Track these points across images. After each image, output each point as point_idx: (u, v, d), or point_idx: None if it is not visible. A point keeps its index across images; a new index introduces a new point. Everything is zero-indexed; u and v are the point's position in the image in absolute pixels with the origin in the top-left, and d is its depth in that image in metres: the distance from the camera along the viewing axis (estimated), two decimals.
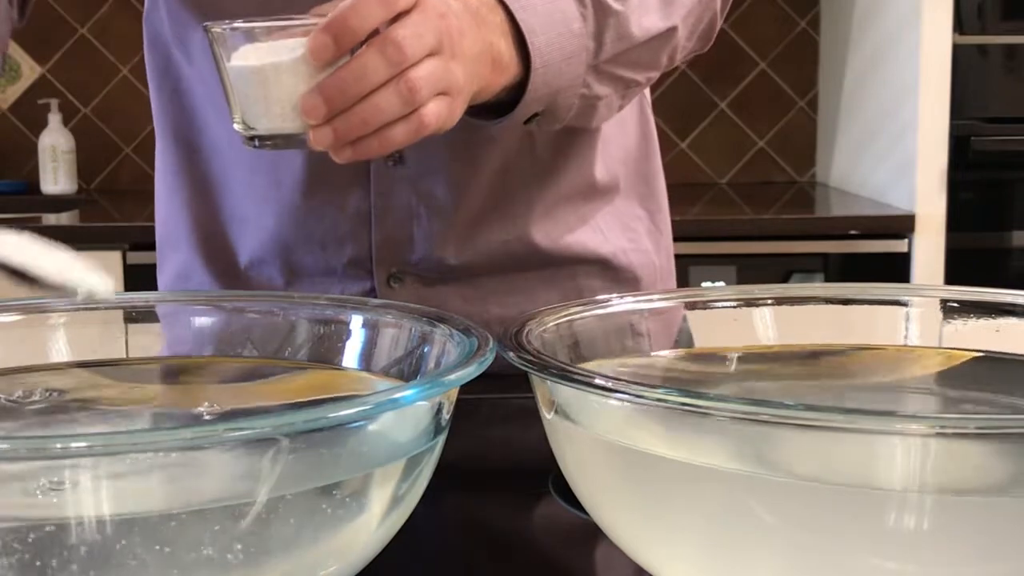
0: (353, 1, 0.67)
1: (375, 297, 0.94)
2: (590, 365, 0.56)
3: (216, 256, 0.98)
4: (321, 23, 0.67)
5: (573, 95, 0.82)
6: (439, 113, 0.70)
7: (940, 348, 0.60)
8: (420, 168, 0.94)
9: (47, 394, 0.57)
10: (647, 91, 1.07)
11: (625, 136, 1.04)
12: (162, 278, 1.04)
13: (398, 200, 0.95)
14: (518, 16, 0.76)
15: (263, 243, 0.96)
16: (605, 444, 0.46)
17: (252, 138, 0.69)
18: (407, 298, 0.95)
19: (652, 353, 0.60)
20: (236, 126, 0.70)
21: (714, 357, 0.61)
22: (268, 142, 0.69)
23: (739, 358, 0.61)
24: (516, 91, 0.79)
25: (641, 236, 1.04)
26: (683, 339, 0.61)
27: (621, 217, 1.03)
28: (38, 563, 0.39)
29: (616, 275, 1.01)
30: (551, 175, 0.98)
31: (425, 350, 0.54)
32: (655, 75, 0.90)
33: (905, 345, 0.61)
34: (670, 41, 0.88)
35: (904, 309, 0.61)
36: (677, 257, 1.11)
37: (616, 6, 0.83)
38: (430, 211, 0.95)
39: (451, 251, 0.96)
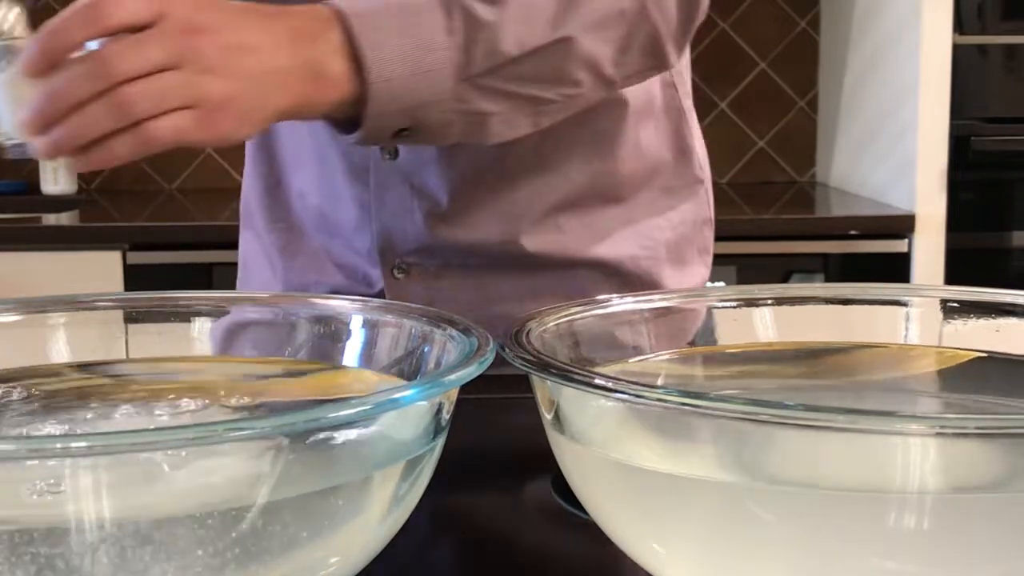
0: (62, 16, 0.70)
1: (385, 287, 0.98)
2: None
3: (279, 222, 1.04)
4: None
5: (445, 110, 0.82)
6: (178, 127, 0.71)
7: (940, 347, 0.60)
8: (414, 162, 0.95)
9: (47, 394, 0.57)
10: (685, 103, 1.07)
11: (650, 145, 1.03)
12: (243, 236, 1.11)
13: (394, 193, 0.97)
14: (356, 31, 0.77)
15: (310, 218, 1.02)
16: (604, 457, 0.46)
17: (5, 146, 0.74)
18: (412, 290, 0.97)
19: (653, 354, 0.60)
20: None
21: (713, 357, 0.61)
22: (17, 149, 0.73)
23: (739, 358, 0.61)
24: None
25: (658, 245, 1.03)
26: (705, 336, 0.61)
27: (637, 225, 1.03)
28: (36, 564, 0.38)
29: (624, 280, 1.01)
30: (555, 176, 0.98)
31: (425, 350, 0.54)
32: (575, 91, 0.88)
33: (906, 343, 0.61)
34: (569, 54, 0.85)
35: (904, 309, 0.61)
36: None
37: (487, 17, 0.82)
38: (424, 205, 0.97)
39: (448, 246, 0.97)
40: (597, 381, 0.44)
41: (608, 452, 0.46)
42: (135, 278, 2.22)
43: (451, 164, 0.96)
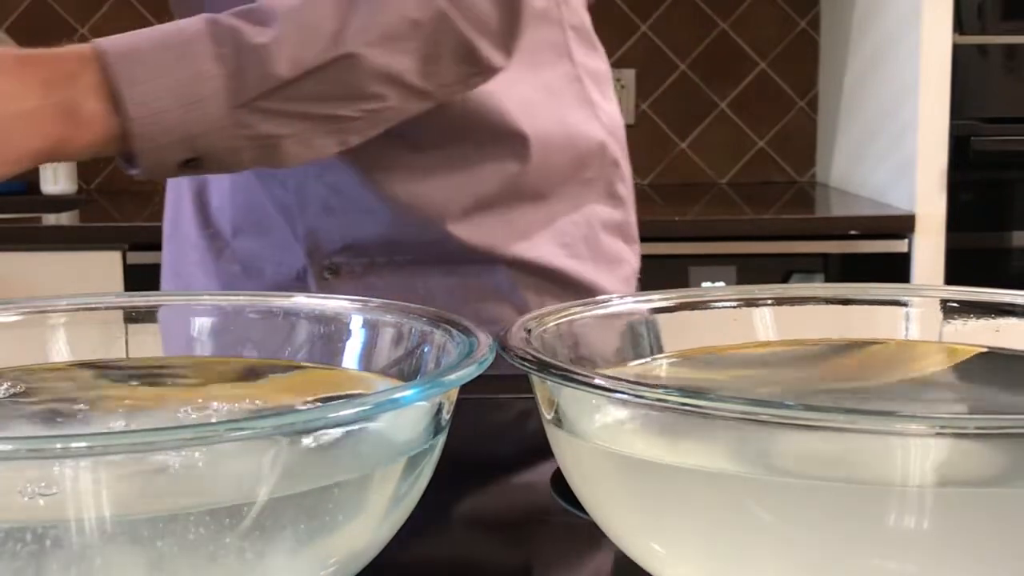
0: None
1: (314, 287, 1.00)
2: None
3: (208, 228, 1.06)
4: None
5: (227, 137, 0.82)
6: None
7: (943, 343, 0.60)
8: (323, 164, 0.96)
9: (46, 394, 0.57)
10: (603, 95, 1.06)
11: (567, 144, 1.03)
12: (167, 248, 1.11)
13: (312, 193, 0.99)
14: (114, 69, 0.78)
15: (236, 217, 1.03)
16: (604, 452, 0.46)
17: None
18: (343, 291, 0.99)
19: (653, 354, 0.60)
20: None
21: (714, 357, 0.61)
22: None
23: (739, 358, 0.61)
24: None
25: (577, 243, 1.04)
26: (647, 341, 0.60)
27: (555, 223, 1.03)
28: (33, 565, 0.38)
29: (549, 279, 1.02)
30: (468, 177, 0.98)
31: (425, 350, 0.54)
32: (379, 105, 0.87)
33: (907, 340, 0.61)
34: (356, 71, 0.84)
35: (904, 309, 0.61)
36: (677, 257, 1.12)
37: (258, 40, 0.82)
38: (343, 203, 0.98)
39: (372, 244, 0.98)
40: (597, 381, 0.44)
41: (608, 447, 0.46)
42: (135, 278, 2.22)
43: (361, 163, 0.96)
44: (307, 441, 0.42)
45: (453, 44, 0.88)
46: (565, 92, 1.03)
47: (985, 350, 0.58)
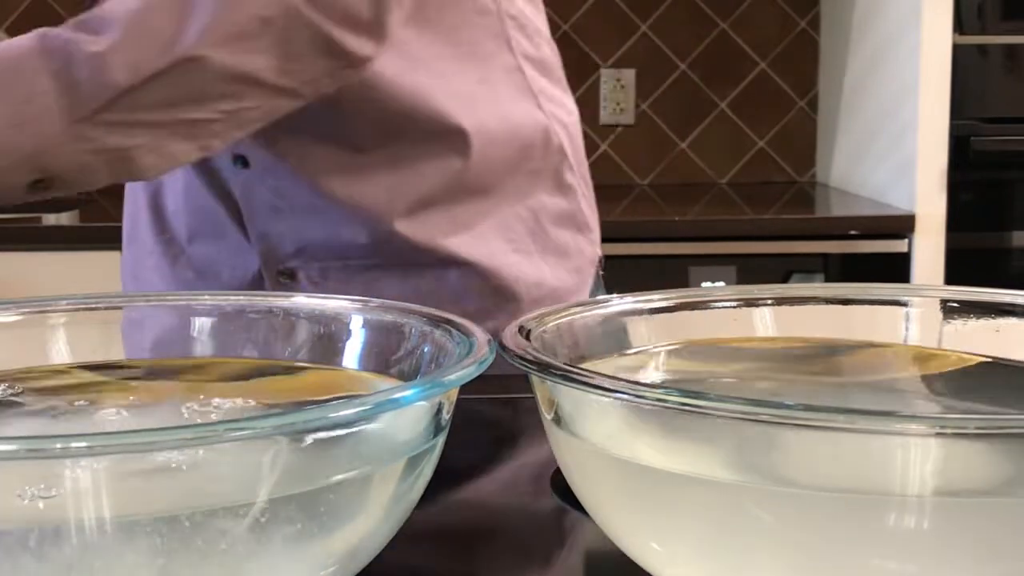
0: None
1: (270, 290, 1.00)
2: (586, 365, 0.56)
3: (164, 233, 1.07)
4: None
5: (70, 153, 0.80)
6: None
7: (941, 349, 0.60)
8: (264, 168, 0.97)
9: (46, 394, 0.57)
10: (549, 83, 1.05)
11: (509, 136, 1.01)
12: (125, 255, 1.13)
13: (258, 198, 0.99)
14: None
15: (191, 222, 1.04)
16: (604, 453, 0.46)
17: None
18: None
19: (651, 351, 0.60)
20: None
21: (713, 356, 0.61)
22: None
23: (739, 359, 0.61)
24: None
25: (522, 237, 1.03)
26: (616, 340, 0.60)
27: (501, 217, 1.02)
28: (33, 566, 0.39)
29: (496, 279, 1.01)
30: (411, 174, 0.98)
31: (425, 350, 0.54)
32: (236, 106, 0.85)
33: (908, 344, 0.61)
34: (204, 73, 0.82)
35: (904, 309, 0.61)
36: (677, 257, 1.11)
37: (92, 49, 0.80)
38: (291, 207, 0.98)
39: (324, 247, 0.99)
40: (597, 381, 0.44)
41: (609, 450, 0.46)
42: None
43: (302, 166, 0.96)
44: (307, 441, 0.42)
45: (310, 38, 0.86)
46: (505, 83, 1.02)
47: (987, 360, 0.58)
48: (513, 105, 1.02)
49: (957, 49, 2.33)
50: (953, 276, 2.32)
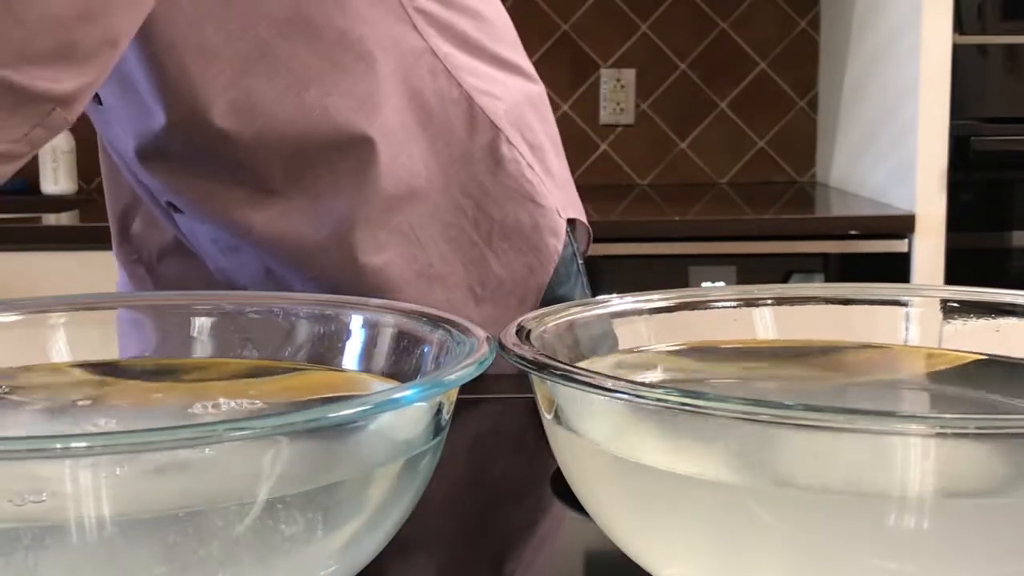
0: None
1: None
2: (586, 363, 0.56)
3: (131, 254, 1.08)
4: None
5: None
6: None
7: (941, 349, 0.60)
8: (193, 212, 0.98)
9: (45, 394, 0.57)
10: (472, 57, 1.00)
11: (421, 128, 0.97)
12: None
13: (201, 239, 1.00)
14: None
15: (160, 243, 1.06)
16: (603, 451, 0.46)
17: None
18: None
19: (651, 351, 0.60)
20: None
21: (713, 355, 0.61)
22: None
23: (739, 358, 0.61)
24: None
25: (465, 229, 0.99)
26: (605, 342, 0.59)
27: (441, 214, 0.98)
28: (33, 566, 0.39)
29: (447, 287, 0.99)
30: (331, 197, 0.95)
31: (425, 350, 0.54)
32: None
33: (907, 345, 0.61)
34: None
35: (904, 309, 0.61)
36: (677, 257, 1.10)
37: None
38: (231, 247, 0.98)
39: (267, 279, 0.99)
40: (597, 381, 0.44)
41: (609, 449, 0.46)
42: None
43: (224, 210, 0.96)
44: (307, 441, 0.42)
45: (50, 44, 0.79)
46: (412, 70, 0.96)
47: (984, 357, 0.58)
48: (422, 94, 0.97)
49: (957, 49, 2.33)
50: (953, 276, 2.32)
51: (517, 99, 1.03)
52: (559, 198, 1.04)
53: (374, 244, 0.95)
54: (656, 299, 0.60)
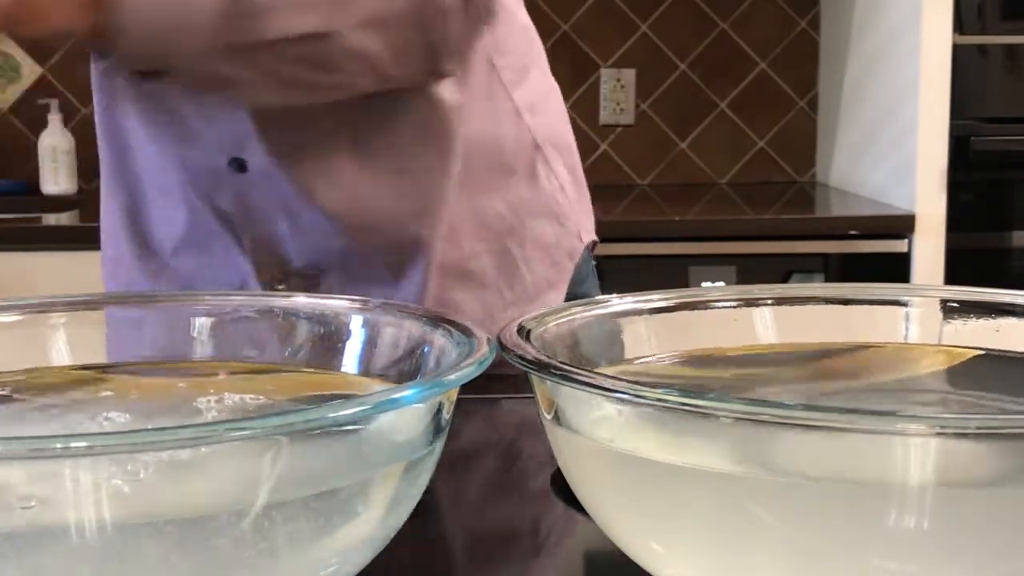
0: None
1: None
2: (586, 365, 0.56)
3: (144, 248, 1.06)
4: None
5: (196, 67, 0.87)
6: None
7: (941, 346, 0.60)
8: (262, 172, 0.97)
9: (45, 394, 0.57)
10: (518, 74, 1.06)
11: (489, 138, 1.03)
12: (104, 269, 1.11)
13: (257, 204, 0.99)
14: None
15: (174, 244, 1.04)
16: (604, 450, 0.46)
17: None
18: None
19: (652, 354, 0.60)
20: None
21: (715, 358, 0.61)
22: None
23: (740, 359, 0.61)
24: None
25: (499, 234, 1.04)
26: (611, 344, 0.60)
27: (483, 217, 1.03)
28: (33, 566, 0.39)
29: (480, 284, 1.02)
30: (410, 181, 0.99)
31: (425, 350, 0.54)
32: (335, 80, 0.91)
33: (906, 343, 0.61)
34: (334, 46, 0.88)
35: (904, 309, 0.61)
36: (677, 257, 1.11)
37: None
38: (288, 213, 0.98)
39: (315, 252, 0.99)
40: (597, 381, 0.44)
41: (609, 449, 0.46)
42: None
43: (303, 174, 0.97)
44: (307, 441, 0.42)
45: (423, 43, 0.92)
46: (482, 83, 1.03)
47: (982, 352, 0.58)
48: (488, 102, 1.03)
49: (957, 49, 2.33)
50: (953, 276, 2.32)
51: (557, 114, 1.10)
52: (584, 223, 1.11)
53: (428, 232, 0.99)
54: (656, 299, 0.60)
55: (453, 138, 0.99)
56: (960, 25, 2.34)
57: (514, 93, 1.05)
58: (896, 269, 2.33)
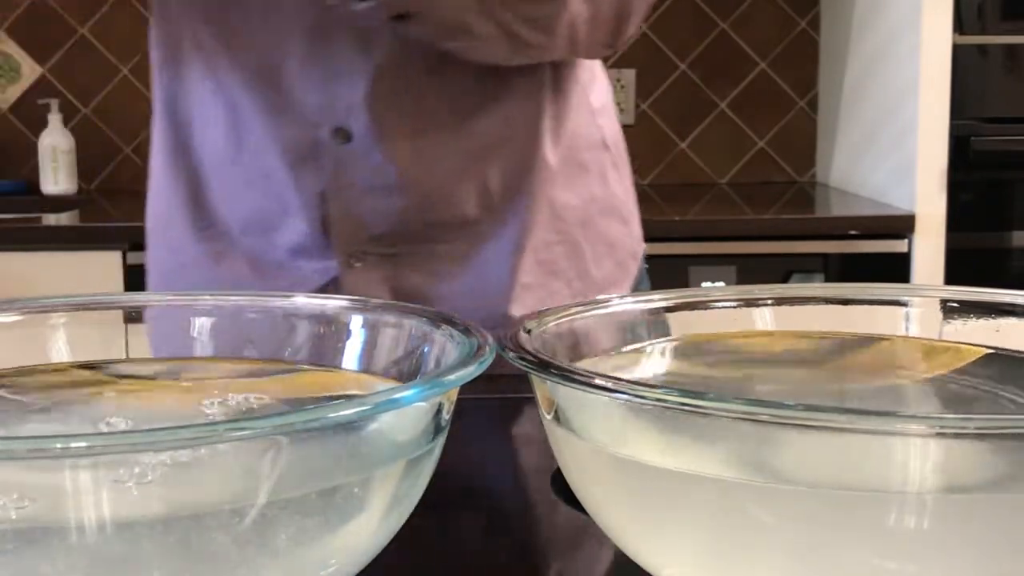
0: None
1: (338, 276, 0.99)
2: (585, 363, 0.56)
3: (207, 230, 1.04)
4: None
5: (448, 16, 0.90)
6: None
7: (947, 342, 0.60)
8: (366, 143, 0.96)
9: (45, 394, 0.57)
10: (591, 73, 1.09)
11: (576, 123, 1.06)
12: (154, 255, 1.09)
13: (352, 177, 0.98)
14: None
15: (241, 214, 1.02)
16: (604, 450, 0.46)
17: None
18: (369, 277, 0.99)
19: (650, 350, 0.60)
20: None
21: (714, 356, 0.61)
22: None
23: (739, 358, 0.61)
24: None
25: (571, 227, 1.06)
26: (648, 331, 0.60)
27: (556, 210, 1.05)
28: (32, 565, 0.39)
29: (545, 270, 1.04)
30: (499, 157, 1.00)
31: (425, 350, 0.54)
32: (546, 43, 0.94)
33: (908, 337, 0.61)
34: (559, 9, 0.91)
35: (904, 309, 0.61)
36: (677, 257, 1.13)
37: None
38: (383, 188, 0.98)
39: (410, 230, 0.99)
40: (597, 381, 0.44)
41: (609, 449, 0.46)
42: (135, 278, 2.22)
43: (408, 147, 0.98)
44: (307, 441, 0.42)
45: (612, 17, 0.96)
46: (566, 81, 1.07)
47: (990, 351, 0.58)
48: (573, 99, 1.06)
49: (957, 49, 2.33)
50: (953, 276, 2.32)
51: (615, 119, 1.13)
52: (639, 229, 1.16)
53: (509, 214, 1.02)
54: (656, 299, 0.60)
55: (561, 121, 1.02)
56: (960, 25, 2.34)
57: (590, 94, 1.07)
58: (896, 269, 2.33)
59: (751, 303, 0.61)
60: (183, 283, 1.06)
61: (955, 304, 0.60)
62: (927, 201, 2.33)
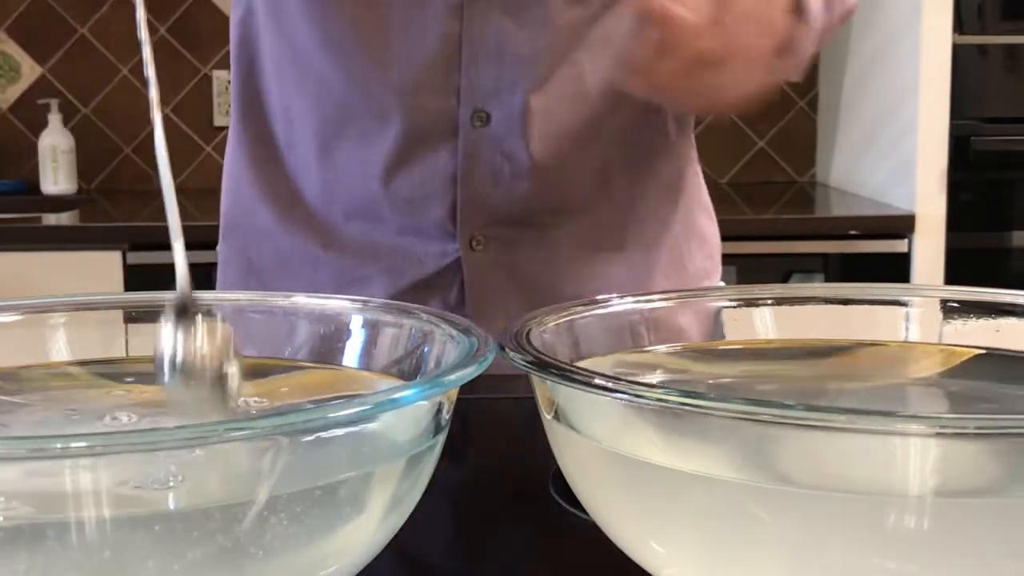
0: None
1: (460, 260, 0.99)
2: (586, 363, 0.56)
3: (302, 219, 1.03)
4: None
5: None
6: None
7: (942, 344, 0.60)
8: (505, 128, 0.97)
9: (45, 394, 0.57)
10: None
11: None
12: (228, 248, 1.11)
13: (483, 160, 0.98)
14: None
15: (345, 208, 1.01)
16: (603, 449, 0.46)
17: None
18: (489, 261, 0.99)
19: (650, 350, 0.60)
20: None
21: (714, 356, 0.61)
22: None
23: (740, 357, 0.61)
24: None
25: (674, 218, 1.09)
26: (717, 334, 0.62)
27: (662, 200, 1.08)
28: (33, 565, 0.39)
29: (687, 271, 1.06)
30: (635, 144, 1.03)
31: (425, 350, 0.54)
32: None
33: (907, 342, 0.61)
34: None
35: (904, 309, 0.61)
36: None
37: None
38: (514, 172, 0.98)
39: (532, 216, 1.00)
40: (597, 381, 0.44)
41: (608, 449, 0.46)
42: (135, 278, 2.22)
43: (543, 133, 0.98)
44: (307, 441, 0.42)
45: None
46: None
47: (983, 351, 0.58)
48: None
49: (957, 49, 2.33)
50: (953, 276, 2.32)
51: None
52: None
53: (626, 207, 1.04)
54: (656, 299, 0.60)
55: (681, 118, 1.06)
56: (960, 25, 2.34)
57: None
58: (896, 269, 2.33)
59: (751, 303, 0.61)
60: (280, 272, 1.05)
61: (955, 304, 0.60)
62: (927, 201, 2.33)
